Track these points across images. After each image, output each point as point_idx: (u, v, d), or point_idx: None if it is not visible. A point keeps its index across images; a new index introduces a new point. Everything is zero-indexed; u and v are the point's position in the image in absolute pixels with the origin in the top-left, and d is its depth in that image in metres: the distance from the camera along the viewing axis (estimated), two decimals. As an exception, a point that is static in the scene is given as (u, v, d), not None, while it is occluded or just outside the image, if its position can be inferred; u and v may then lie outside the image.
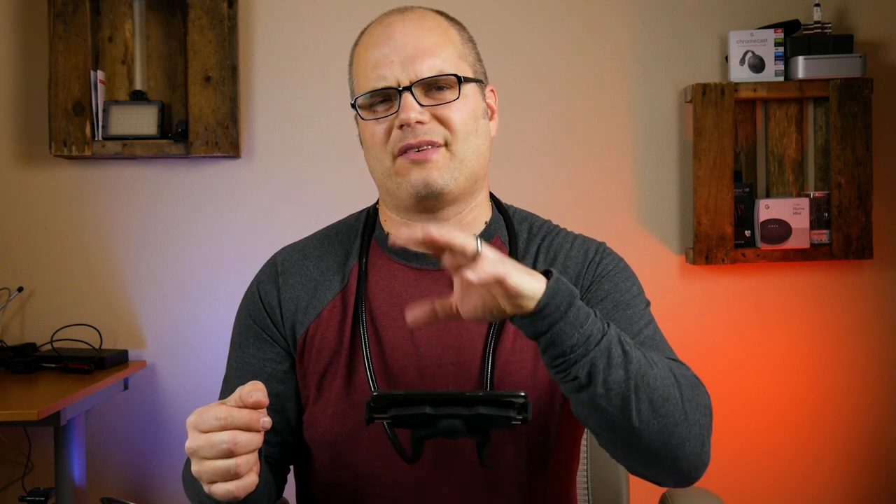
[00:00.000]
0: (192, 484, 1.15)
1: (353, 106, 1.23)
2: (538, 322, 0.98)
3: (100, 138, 2.51)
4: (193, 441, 0.98)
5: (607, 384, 1.00)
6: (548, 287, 0.97)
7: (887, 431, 2.65)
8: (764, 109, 2.61)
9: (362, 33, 1.26)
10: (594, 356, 0.99)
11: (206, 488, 0.99)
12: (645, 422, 1.02)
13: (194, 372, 2.60)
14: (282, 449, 1.26)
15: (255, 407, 0.98)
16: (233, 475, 0.97)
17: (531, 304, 0.97)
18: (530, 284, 0.96)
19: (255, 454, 0.99)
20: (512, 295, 0.96)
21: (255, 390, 0.98)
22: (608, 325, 1.02)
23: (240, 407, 0.98)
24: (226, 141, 2.52)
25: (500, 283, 0.95)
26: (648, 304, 1.25)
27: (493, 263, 0.95)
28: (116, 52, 2.60)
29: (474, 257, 0.94)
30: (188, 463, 1.21)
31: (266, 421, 0.98)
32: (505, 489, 1.20)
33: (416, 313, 1.02)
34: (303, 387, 1.25)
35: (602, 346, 1.00)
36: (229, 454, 0.96)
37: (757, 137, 2.61)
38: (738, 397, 2.62)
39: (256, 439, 0.98)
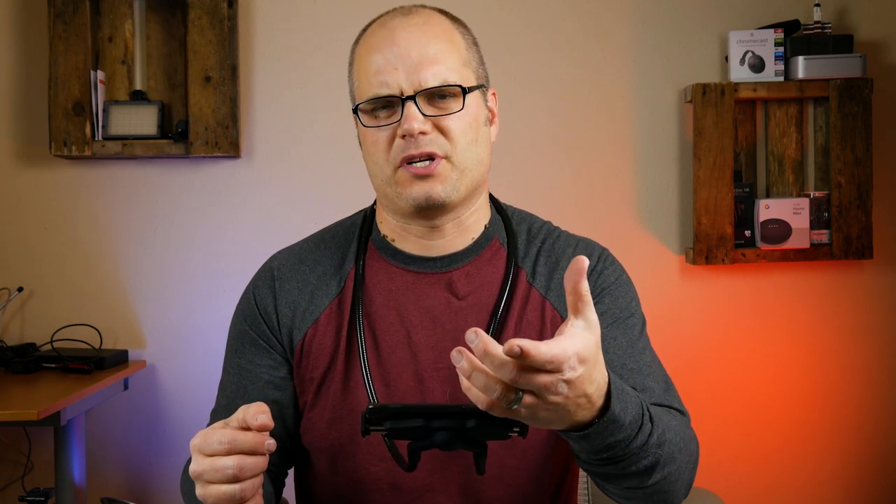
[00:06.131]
0: (191, 499, 1.15)
1: (355, 111, 1.21)
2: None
3: (100, 138, 2.51)
4: (197, 465, 0.96)
5: (640, 468, 1.01)
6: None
7: (887, 431, 2.65)
8: (764, 109, 2.60)
9: (363, 32, 1.23)
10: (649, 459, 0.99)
11: None
12: (653, 484, 1.04)
13: (194, 372, 2.60)
14: (280, 456, 1.25)
15: (259, 430, 0.96)
16: (238, 500, 0.96)
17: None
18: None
19: (260, 476, 0.98)
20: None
21: (259, 412, 0.96)
22: (649, 418, 0.99)
23: (244, 429, 0.96)
24: (226, 141, 2.52)
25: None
26: (644, 322, 1.25)
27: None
28: (116, 52, 2.59)
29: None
30: (185, 473, 1.20)
31: (271, 443, 0.97)
32: (503, 494, 1.19)
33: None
34: (300, 392, 1.24)
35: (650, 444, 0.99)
36: (234, 479, 0.95)
37: (757, 137, 2.61)
38: (738, 397, 2.62)
39: (261, 463, 0.97)
